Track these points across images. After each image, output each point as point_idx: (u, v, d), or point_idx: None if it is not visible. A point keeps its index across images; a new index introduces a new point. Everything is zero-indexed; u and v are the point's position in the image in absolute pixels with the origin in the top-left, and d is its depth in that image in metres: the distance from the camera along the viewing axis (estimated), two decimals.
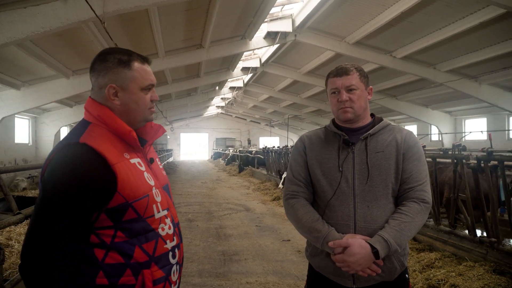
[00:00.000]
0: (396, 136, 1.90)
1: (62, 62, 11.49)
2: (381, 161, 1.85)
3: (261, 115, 38.95)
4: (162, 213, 1.55)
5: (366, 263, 1.72)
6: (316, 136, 2.03)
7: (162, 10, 9.28)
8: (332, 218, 1.86)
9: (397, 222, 1.77)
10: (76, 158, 1.39)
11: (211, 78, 19.50)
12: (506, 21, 10.04)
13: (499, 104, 15.76)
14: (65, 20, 7.49)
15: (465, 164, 5.01)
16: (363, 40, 13.39)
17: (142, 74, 1.57)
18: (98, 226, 1.43)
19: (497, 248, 4.54)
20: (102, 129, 1.51)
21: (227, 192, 13.74)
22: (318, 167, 1.93)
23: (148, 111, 1.60)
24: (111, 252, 1.43)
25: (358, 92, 1.90)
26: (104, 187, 1.39)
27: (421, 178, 1.85)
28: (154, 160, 1.69)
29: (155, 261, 1.49)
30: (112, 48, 1.62)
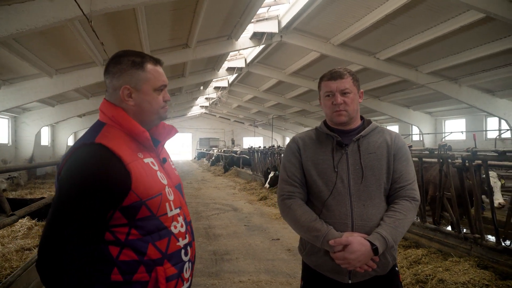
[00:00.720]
0: (386, 138, 2.00)
1: (46, 61, 11.32)
2: (373, 162, 1.94)
3: (245, 115, 39.00)
4: (175, 211, 1.59)
5: (365, 260, 1.81)
6: (309, 137, 2.09)
7: (149, 9, 9.26)
8: (329, 217, 1.92)
9: (392, 219, 1.87)
10: (92, 158, 1.43)
11: (196, 78, 19.47)
12: (486, 25, 10.36)
13: (477, 105, 16.21)
14: (51, 18, 7.40)
15: (451, 163, 5.18)
16: (348, 42, 13.60)
17: (155, 75, 1.62)
18: (113, 224, 1.47)
19: (481, 244, 4.71)
20: (116, 129, 1.56)
21: (214, 192, 13.76)
22: (313, 168, 1.99)
23: (161, 110, 1.66)
24: (125, 249, 1.46)
25: (351, 96, 1.97)
26: (119, 185, 1.43)
27: (410, 178, 1.97)
28: (167, 160, 1.74)
29: (168, 258, 1.53)
30: (125, 50, 1.65)
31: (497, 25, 10.18)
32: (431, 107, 21.47)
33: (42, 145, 20.52)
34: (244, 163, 20.62)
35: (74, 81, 12.56)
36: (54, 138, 21.92)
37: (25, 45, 9.69)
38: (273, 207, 10.05)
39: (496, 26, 10.28)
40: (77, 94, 16.32)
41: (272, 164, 13.81)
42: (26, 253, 5.12)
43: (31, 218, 6.81)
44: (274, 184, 12.16)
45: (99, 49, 10.71)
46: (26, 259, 4.68)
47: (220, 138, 46.07)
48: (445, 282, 4.06)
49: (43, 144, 20.71)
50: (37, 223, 6.80)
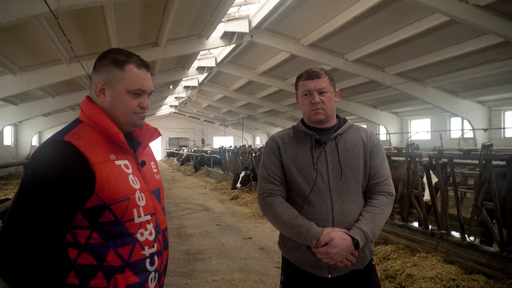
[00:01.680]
0: (362, 135, 2.06)
1: (9, 58, 10.93)
2: (351, 159, 1.99)
3: (215, 114, 38.87)
4: (144, 218, 1.53)
5: (346, 254, 1.86)
6: (287, 136, 2.11)
7: (118, 6, 9.08)
8: (311, 213, 1.95)
9: (371, 214, 1.93)
10: (57, 156, 1.40)
11: (165, 77, 19.26)
12: (450, 28, 10.75)
13: (441, 106, 16.79)
14: (16, 15, 7.16)
15: (418, 161, 5.35)
16: (317, 43, 13.80)
17: (132, 77, 1.55)
18: (74, 225, 1.42)
19: (447, 240, 4.89)
20: (91, 128, 1.52)
21: (184, 192, 13.64)
22: (293, 166, 2.02)
23: (134, 115, 1.58)
24: (84, 252, 1.42)
25: (328, 95, 2.02)
26: (82, 186, 1.39)
27: (386, 174, 2.04)
28: (147, 163, 1.68)
29: (129, 266, 1.47)
30: (115, 48, 1.63)
31: (460, 28, 10.58)
32: (397, 107, 22.06)
33: (5, 145, 19.79)
34: (215, 163, 20.54)
35: (39, 79, 12.18)
36: (17, 138, 21.15)
37: None
38: (245, 206, 10.07)
39: (460, 29, 10.69)
40: (42, 92, 15.81)
41: (244, 165, 13.83)
42: None
43: None
44: (245, 183, 12.18)
45: (66, 47, 10.41)
46: None
47: (190, 137, 45.70)
48: (413, 277, 4.19)
49: (5, 144, 19.97)
50: None
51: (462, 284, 3.93)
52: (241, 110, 31.86)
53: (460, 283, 3.95)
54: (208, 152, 22.88)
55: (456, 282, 3.97)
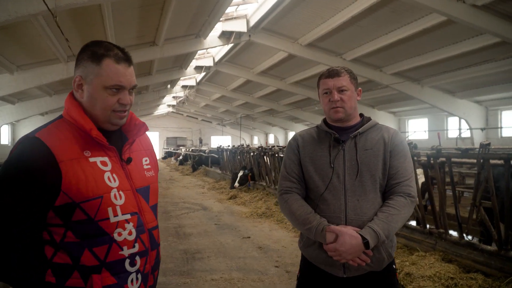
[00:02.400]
0: (383, 135, 2.02)
1: (6, 57, 10.90)
2: (369, 158, 1.97)
3: (213, 114, 38.83)
4: (122, 217, 1.48)
5: (356, 253, 1.84)
6: (309, 135, 2.14)
7: (115, 5, 9.07)
8: (324, 211, 1.97)
9: (385, 214, 1.89)
10: (25, 152, 1.39)
11: (163, 76, 19.23)
12: (447, 28, 10.76)
13: (439, 105, 16.83)
14: (13, 13, 7.14)
15: (416, 161, 5.37)
16: (315, 42, 13.80)
17: (109, 72, 1.49)
18: (49, 223, 1.42)
19: (445, 239, 4.91)
20: (67, 124, 1.50)
21: (182, 191, 13.63)
22: (311, 164, 2.04)
23: (112, 113, 1.52)
24: (60, 251, 1.42)
25: (348, 93, 2.01)
26: (48, 183, 1.37)
27: (406, 174, 1.98)
28: (136, 159, 1.63)
29: (106, 267, 1.44)
30: (97, 41, 1.55)
31: (457, 28, 10.60)
32: (394, 107, 22.11)
33: (2, 144, 19.76)
34: (212, 162, 20.53)
35: (37, 78, 12.15)
36: (15, 137, 21.10)
37: None
38: (243, 205, 10.07)
39: (457, 29, 10.72)
40: (40, 91, 15.78)
41: (242, 164, 13.83)
42: None
43: None
44: (243, 183, 12.19)
45: (63, 46, 10.40)
46: None
47: (188, 137, 45.65)
48: (412, 276, 4.21)
49: (3, 143, 19.93)
50: None
51: (460, 283, 3.95)
52: (239, 109, 31.85)
53: (458, 282, 3.97)
54: (206, 151, 22.85)
55: (455, 280, 3.99)
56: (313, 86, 19.92)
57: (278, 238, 6.66)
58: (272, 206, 9.06)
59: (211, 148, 25.64)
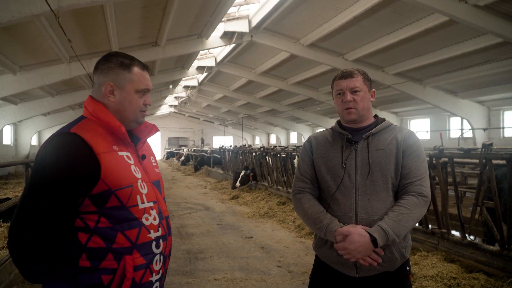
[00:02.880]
0: (396, 135, 2.02)
1: (9, 57, 10.93)
2: (381, 158, 1.97)
3: (215, 114, 38.86)
4: (147, 204, 1.65)
5: (365, 251, 1.84)
6: (323, 136, 2.17)
7: (118, 6, 9.09)
8: (336, 210, 1.99)
9: (396, 213, 1.89)
10: (65, 146, 1.51)
11: (165, 77, 19.26)
12: (449, 28, 10.77)
13: (441, 105, 16.82)
14: (16, 14, 7.16)
15: None
16: (317, 42, 13.81)
17: (139, 78, 1.71)
18: (83, 210, 1.53)
19: (447, 239, 4.91)
20: (95, 123, 1.64)
21: (184, 191, 13.65)
22: (323, 165, 2.07)
23: (139, 113, 1.73)
24: (94, 236, 1.52)
25: (361, 94, 2.02)
26: (88, 173, 1.50)
27: (420, 174, 1.95)
28: (147, 157, 1.80)
29: (137, 248, 1.57)
30: (117, 52, 1.77)
31: (460, 28, 10.60)
32: (397, 107, 22.10)
33: (4, 145, 19.77)
34: (214, 163, 20.55)
35: (39, 78, 12.17)
36: (17, 137, 21.13)
37: None
38: (245, 206, 10.08)
39: (459, 29, 10.72)
40: (42, 92, 15.81)
41: (244, 164, 13.84)
42: None
43: None
44: (244, 183, 12.19)
45: (66, 46, 10.43)
46: None
47: (190, 137, 45.68)
48: (414, 276, 4.21)
49: (5, 144, 19.95)
50: (2, 224, 6.56)
51: (463, 283, 3.96)
52: (240, 109, 31.88)
53: (461, 282, 3.97)
54: (208, 151, 22.87)
55: (457, 280, 4.00)
56: (315, 86, 19.95)
57: (280, 238, 6.67)
58: (274, 206, 9.07)
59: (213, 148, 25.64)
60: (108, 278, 1.52)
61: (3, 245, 5.52)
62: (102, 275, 1.52)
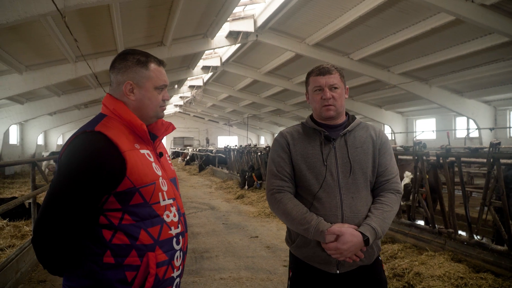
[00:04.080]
0: (370, 133, 2.07)
1: (15, 57, 10.98)
2: (360, 156, 2.00)
3: (220, 114, 38.90)
4: (168, 201, 1.67)
5: (356, 250, 1.87)
6: (296, 132, 2.12)
7: (123, 5, 9.12)
8: (320, 209, 1.96)
9: (380, 211, 1.94)
10: (91, 144, 1.53)
11: (170, 76, 19.25)
12: (456, 28, 10.71)
13: (447, 105, 16.73)
14: (23, 13, 7.19)
15: (425, 160, 5.34)
16: (323, 42, 13.79)
17: (157, 74, 1.72)
18: (107, 208, 1.55)
19: (454, 238, 4.88)
20: (116, 121, 1.65)
21: (190, 191, 13.67)
22: (303, 162, 2.02)
23: (159, 108, 1.75)
24: (118, 233, 1.54)
25: (339, 91, 2.03)
26: (114, 171, 1.52)
27: (394, 171, 2.06)
28: (164, 154, 1.83)
29: (159, 245, 1.60)
30: (132, 49, 1.76)
31: (466, 28, 10.55)
32: (402, 107, 22.01)
33: (11, 144, 19.87)
34: (219, 162, 20.56)
35: (45, 78, 12.23)
36: (23, 137, 21.25)
37: None
38: (250, 205, 10.08)
39: (465, 29, 10.66)
40: (48, 91, 15.90)
41: (249, 164, 13.84)
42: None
43: (2, 218, 6.61)
44: (251, 184, 12.18)
45: (72, 46, 10.47)
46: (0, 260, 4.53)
47: (195, 137, 45.76)
48: (421, 275, 4.19)
49: (11, 143, 20.06)
50: (9, 223, 6.60)
51: (470, 283, 3.93)
52: (245, 109, 31.89)
53: (468, 282, 3.94)
54: (213, 151, 22.89)
55: (464, 280, 3.97)
56: None
57: None
58: None
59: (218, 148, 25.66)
60: (132, 274, 1.55)
61: (10, 244, 5.55)
62: (126, 272, 1.54)
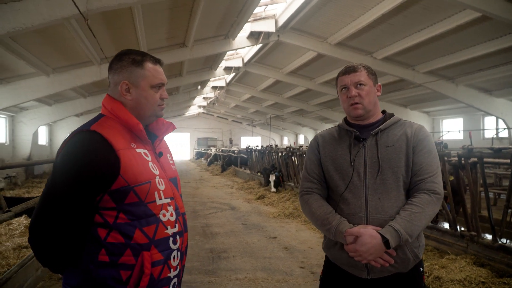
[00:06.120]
0: (406, 130, 1.95)
1: (42, 59, 11.29)
2: (391, 155, 1.90)
3: (243, 114, 39.00)
4: (165, 200, 1.67)
5: (377, 253, 1.77)
6: (330, 134, 2.10)
7: (145, 8, 9.24)
8: (345, 210, 1.92)
9: (408, 212, 1.81)
10: (85, 143, 1.55)
11: (193, 77, 19.46)
12: (482, 25, 10.38)
13: (474, 104, 16.24)
14: (47, 17, 7.39)
15: (447, 161, 5.19)
16: (345, 41, 13.61)
17: (153, 73, 1.72)
18: (102, 206, 1.56)
19: (477, 242, 4.72)
20: (113, 121, 1.67)
21: (211, 191, 13.75)
22: (331, 164, 2.00)
23: (157, 107, 1.76)
24: (113, 232, 1.55)
25: (366, 88, 1.96)
26: (108, 169, 1.53)
27: (431, 170, 1.89)
28: (164, 154, 1.84)
29: (155, 244, 1.60)
30: (129, 49, 1.77)
31: (493, 24, 10.20)
32: (428, 106, 21.51)
33: (40, 145, 20.45)
34: (241, 163, 20.61)
35: (71, 80, 12.54)
36: (51, 138, 21.85)
37: (21, 44, 9.67)
38: (271, 206, 10.05)
39: (492, 25, 10.31)
40: (74, 93, 16.30)
41: (270, 164, 13.81)
42: (23, 251, 5.09)
43: (28, 216, 6.79)
44: (277, 185, 12.13)
45: (96, 48, 10.70)
46: (23, 257, 4.66)
47: (218, 138, 46.05)
48: (441, 280, 4.07)
49: (40, 144, 20.64)
50: None
51: None
52: (268, 110, 31.86)
53: (490, 286, 3.81)
54: (235, 152, 22.96)
55: (486, 285, 3.84)
56: None
57: (304, 238, 6.61)
58: (299, 207, 8.99)
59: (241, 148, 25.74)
60: (126, 273, 1.55)
61: None
62: (121, 271, 1.55)
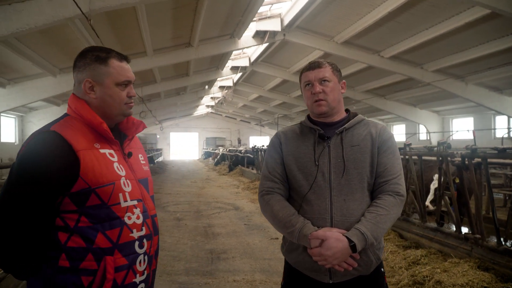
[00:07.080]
0: (371, 130, 1.91)
1: (48, 60, 11.35)
2: (356, 155, 1.85)
3: (251, 114, 38.96)
4: (130, 202, 1.61)
5: (343, 257, 1.72)
6: (292, 131, 2.03)
7: (149, 7, 9.21)
8: (308, 212, 1.85)
9: (373, 215, 1.77)
10: (43, 144, 1.49)
11: (200, 77, 19.44)
12: (491, 22, 10.17)
13: (485, 103, 15.98)
14: (50, 17, 7.40)
15: (450, 161, 5.06)
16: (352, 40, 13.46)
17: (118, 70, 1.66)
18: (63, 209, 1.51)
19: (482, 245, 4.58)
20: (77, 121, 1.61)
21: (217, 191, 13.70)
22: (294, 162, 1.92)
23: (124, 106, 1.69)
24: (74, 236, 1.49)
25: (331, 84, 1.91)
26: (66, 171, 1.48)
27: (395, 172, 1.87)
28: (134, 154, 1.77)
29: (118, 248, 1.54)
30: (93, 46, 1.72)
31: (503, 22, 9.99)
32: (438, 105, 21.24)
33: None
34: (248, 162, 20.55)
35: None
36: None
37: (28, 45, 9.72)
38: None
39: (502, 23, 10.10)
40: None
41: None
42: None
43: None
44: None
45: None
46: None
47: (227, 137, 46.06)
48: (442, 284, 3.95)
49: None
50: None
51: None
52: (276, 109, 31.77)
53: None
54: (242, 151, 22.92)
55: None
56: (351, 85, 19.48)
57: None
58: None
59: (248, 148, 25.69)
60: (88, 279, 1.50)
61: None
62: (82, 276, 1.49)
